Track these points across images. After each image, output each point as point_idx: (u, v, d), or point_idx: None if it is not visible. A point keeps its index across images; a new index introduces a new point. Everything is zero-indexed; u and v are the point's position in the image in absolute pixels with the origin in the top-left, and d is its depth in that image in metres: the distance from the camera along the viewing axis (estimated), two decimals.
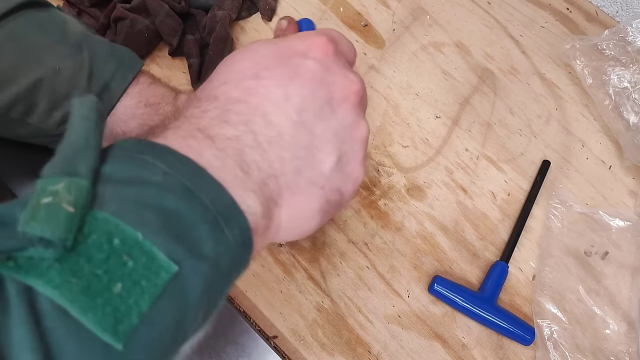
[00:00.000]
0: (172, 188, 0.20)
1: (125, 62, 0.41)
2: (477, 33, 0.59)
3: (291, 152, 0.25)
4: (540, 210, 0.51)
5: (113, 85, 0.39)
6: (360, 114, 0.29)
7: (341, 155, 0.27)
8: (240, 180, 0.23)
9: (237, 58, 0.28)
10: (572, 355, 0.45)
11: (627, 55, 0.54)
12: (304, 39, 0.28)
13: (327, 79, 0.27)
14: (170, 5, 0.52)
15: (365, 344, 0.45)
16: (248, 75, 0.26)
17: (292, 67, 0.26)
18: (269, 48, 0.28)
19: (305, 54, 0.27)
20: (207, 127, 0.24)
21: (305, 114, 0.26)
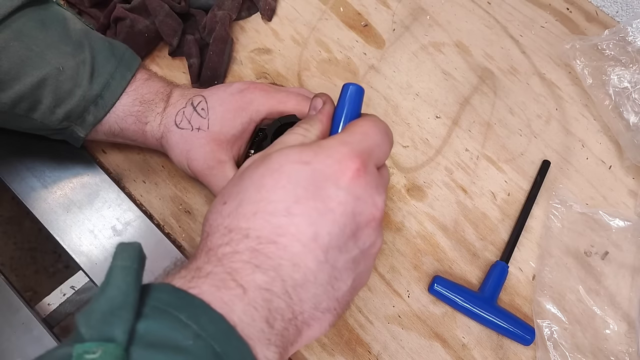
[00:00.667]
0: (201, 355, 0.21)
1: (125, 60, 0.42)
2: (477, 33, 0.59)
3: (312, 291, 0.26)
4: (540, 210, 0.51)
5: (113, 84, 0.40)
6: (379, 232, 0.29)
7: (356, 276, 0.28)
8: (264, 335, 0.24)
9: (268, 183, 0.27)
10: (572, 355, 0.45)
11: (627, 55, 0.54)
12: (338, 161, 0.27)
13: (356, 209, 0.27)
14: (170, 5, 0.52)
15: (365, 344, 0.45)
16: (279, 210, 0.26)
17: (324, 199, 0.26)
18: (301, 170, 0.27)
19: (337, 182, 0.27)
20: (239, 272, 0.25)
21: (331, 252, 0.26)
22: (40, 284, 1.15)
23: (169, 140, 0.42)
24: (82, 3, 0.53)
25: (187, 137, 0.41)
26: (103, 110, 0.41)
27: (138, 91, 0.42)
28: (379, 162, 0.30)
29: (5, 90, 0.37)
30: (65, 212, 0.46)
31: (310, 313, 0.27)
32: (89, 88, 0.40)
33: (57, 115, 0.39)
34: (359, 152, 0.28)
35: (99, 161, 0.48)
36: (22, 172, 0.47)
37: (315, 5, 0.59)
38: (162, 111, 0.42)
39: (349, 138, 0.29)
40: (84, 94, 0.39)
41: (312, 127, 0.32)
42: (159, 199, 0.48)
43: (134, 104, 0.41)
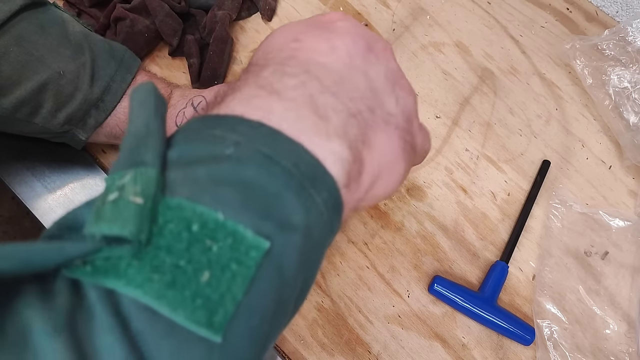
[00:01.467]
0: (248, 158, 0.19)
1: (124, 63, 0.42)
2: (477, 33, 0.59)
3: (358, 92, 0.24)
4: (540, 210, 0.51)
5: (114, 87, 0.41)
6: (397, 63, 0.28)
7: (397, 97, 0.26)
8: (320, 128, 0.21)
9: (271, 35, 0.27)
10: (572, 355, 0.45)
11: (627, 55, 0.54)
12: (324, 14, 0.28)
13: (360, 33, 0.26)
14: (170, 5, 0.52)
15: (365, 344, 0.45)
16: (289, 40, 0.25)
17: (325, 29, 0.26)
18: (299, 24, 0.27)
19: (331, 20, 0.27)
20: (268, 83, 0.22)
21: (356, 58, 0.25)
22: None
23: None
24: (82, 3, 0.53)
25: None
26: (104, 113, 0.41)
27: None
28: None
29: (7, 96, 0.37)
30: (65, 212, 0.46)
31: (369, 115, 0.24)
32: (90, 91, 0.40)
33: (59, 119, 0.39)
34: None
35: (99, 161, 0.48)
36: (23, 172, 0.47)
37: (315, 5, 0.58)
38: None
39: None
40: (85, 98, 0.39)
41: None
42: None
43: None
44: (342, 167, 0.21)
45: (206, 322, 0.15)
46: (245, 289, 0.16)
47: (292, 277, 0.18)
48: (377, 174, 0.24)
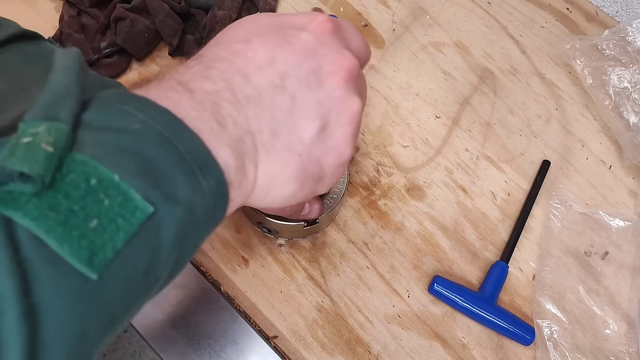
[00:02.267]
0: (149, 136, 0.21)
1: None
2: (477, 33, 0.59)
3: (269, 112, 0.25)
4: (540, 210, 0.51)
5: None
6: (352, 90, 0.28)
7: (325, 125, 0.27)
8: (215, 132, 0.23)
9: (235, 25, 0.28)
10: (572, 355, 0.45)
11: (627, 55, 0.54)
12: (307, 15, 0.28)
13: (319, 50, 0.27)
14: (170, 5, 0.52)
15: (365, 344, 0.45)
16: (239, 40, 0.26)
17: (285, 36, 0.27)
18: (268, 19, 0.28)
19: (302, 27, 0.27)
20: (187, 81, 0.24)
21: (288, 79, 0.26)
22: None
23: None
24: (82, 3, 0.53)
25: None
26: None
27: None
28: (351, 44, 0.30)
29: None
30: None
31: (269, 138, 0.25)
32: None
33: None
34: (332, 19, 0.28)
35: None
36: None
37: (315, 5, 0.59)
38: None
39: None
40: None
41: None
42: None
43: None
44: (226, 172, 0.23)
45: (87, 260, 0.18)
46: (125, 242, 0.19)
47: (168, 244, 0.21)
48: (262, 189, 0.26)
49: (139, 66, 0.53)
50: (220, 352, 0.44)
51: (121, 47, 0.51)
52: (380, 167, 0.52)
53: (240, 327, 0.45)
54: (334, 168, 0.28)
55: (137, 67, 0.53)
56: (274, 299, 0.46)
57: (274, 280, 0.46)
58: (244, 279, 0.46)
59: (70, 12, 0.53)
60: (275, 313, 0.45)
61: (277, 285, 0.46)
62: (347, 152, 0.28)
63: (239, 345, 0.44)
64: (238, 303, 0.46)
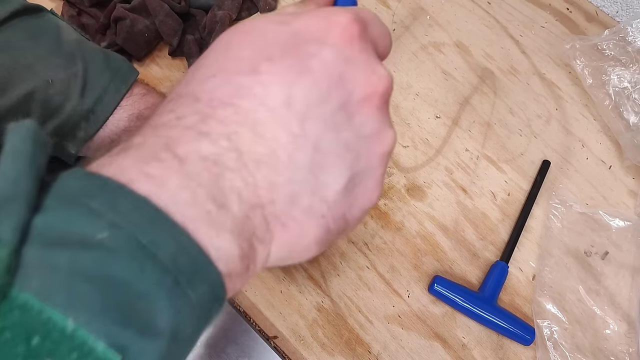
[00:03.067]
0: (120, 248, 0.16)
1: (120, 73, 0.39)
2: (477, 33, 0.59)
3: (285, 175, 0.20)
4: (540, 210, 0.51)
5: (106, 98, 0.38)
6: (386, 120, 0.22)
7: (353, 175, 0.21)
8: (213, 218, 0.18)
9: (235, 40, 0.21)
10: (572, 355, 0.45)
11: (627, 55, 0.54)
12: (325, 18, 0.21)
13: (347, 74, 0.21)
14: (170, 5, 0.52)
15: (365, 344, 0.45)
16: (244, 69, 0.20)
17: (303, 57, 0.20)
18: (278, 31, 0.21)
19: (322, 39, 0.21)
20: (178, 141, 0.18)
21: (311, 124, 0.20)
22: None
23: None
24: (82, 3, 0.53)
25: None
26: (95, 125, 0.38)
27: (135, 106, 0.40)
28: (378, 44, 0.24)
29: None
30: None
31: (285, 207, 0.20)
32: (80, 102, 0.37)
33: (47, 129, 0.37)
34: (354, 14, 0.22)
35: None
36: None
37: None
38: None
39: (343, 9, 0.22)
40: (75, 109, 0.37)
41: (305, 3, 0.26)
42: None
43: (130, 119, 0.39)
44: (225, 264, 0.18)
45: None
46: None
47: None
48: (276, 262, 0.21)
49: (139, 66, 0.53)
50: (220, 352, 0.44)
51: (121, 47, 0.51)
52: None
53: (240, 327, 0.45)
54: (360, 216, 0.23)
55: (137, 67, 0.53)
56: (274, 299, 0.46)
57: (274, 280, 0.46)
58: None
59: (70, 12, 0.53)
60: (275, 313, 0.45)
61: (277, 285, 0.46)
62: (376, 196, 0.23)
63: (239, 345, 0.44)
64: (238, 303, 0.46)
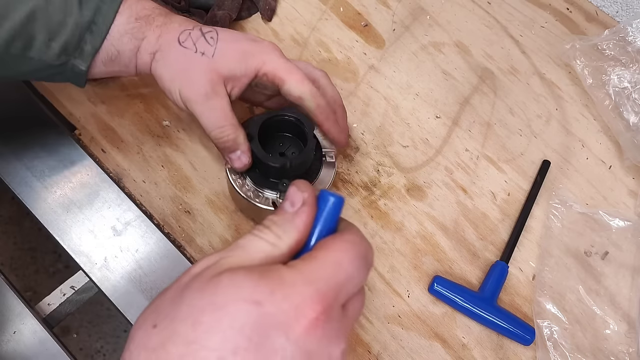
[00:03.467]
0: None
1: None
2: (477, 33, 0.59)
3: None
4: (540, 210, 0.51)
5: (104, 8, 0.39)
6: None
7: None
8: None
9: (207, 321, 0.22)
10: (572, 355, 0.45)
11: (627, 55, 0.54)
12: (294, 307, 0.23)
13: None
14: (171, 5, 0.52)
15: (365, 344, 0.45)
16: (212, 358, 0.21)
17: (267, 353, 0.22)
18: (247, 317, 0.22)
19: (287, 332, 0.22)
20: None
21: None
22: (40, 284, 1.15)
23: (167, 56, 0.40)
24: None
25: (189, 58, 0.39)
26: (99, 36, 0.39)
27: (132, 8, 0.40)
28: (347, 297, 0.26)
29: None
30: (65, 212, 0.46)
31: None
32: (80, 15, 0.38)
33: (54, 49, 0.38)
34: (325, 293, 0.24)
35: (99, 161, 0.48)
36: (22, 172, 0.47)
37: (315, 5, 0.59)
38: (162, 25, 0.40)
39: (317, 272, 0.24)
40: (77, 22, 0.38)
41: (285, 234, 0.26)
42: (159, 199, 0.48)
43: (129, 21, 0.40)
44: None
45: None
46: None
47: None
48: None
49: None
50: None
51: None
52: (380, 167, 0.52)
53: None
54: None
55: None
56: None
57: None
58: None
59: None
60: None
61: None
62: None
63: None
64: None
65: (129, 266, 0.45)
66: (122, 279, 0.44)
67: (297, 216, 0.27)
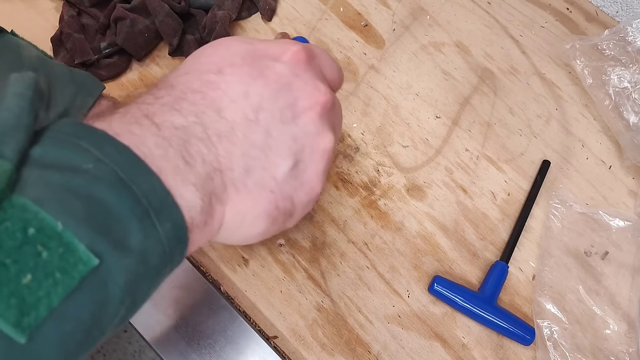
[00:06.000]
0: (103, 177, 0.19)
1: (85, 87, 0.39)
2: (477, 33, 0.59)
3: (242, 149, 0.24)
4: (540, 210, 0.51)
5: (73, 112, 0.38)
6: (326, 126, 0.28)
7: (298, 161, 0.26)
8: (181, 171, 0.22)
9: (207, 51, 0.27)
10: (572, 355, 0.45)
11: (627, 55, 0.54)
12: (280, 45, 0.28)
13: (294, 84, 0.26)
14: (170, 5, 0.52)
15: (365, 344, 0.45)
16: (212, 69, 0.25)
17: (259, 67, 0.26)
18: (242, 47, 0.27)
19: (276, 58, 0.27)
20: (155, 113, 0.23)
21: (263, 113, 0.25)
22: None
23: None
24: (82, 3, 0.53)
25: None
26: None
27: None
28: (327, 72, 0.30)
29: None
30: None
31: (241, 175, 0.24)
32: (45, 118, 0.37)
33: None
34: (306, 48, 0.28)
35: None
36: None
37: (315, 5, 0.59)
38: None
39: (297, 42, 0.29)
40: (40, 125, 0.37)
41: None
42: None
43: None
44: (188, 211, 0.22)
45: (14, 321, 0.16)
46: (63, 297, 0.17)
47: (117, 297, 0.19)
48: (230, 227, 0.25)
49: (139, 66, 0.53)
50: (220, 352, 0.44)
51: (121, 47, 0.51)
52: (380, 167, 0.52)
53: (240, 327, 0.45)
54: (305, 203, 0.28)
55: (137, 67, 0.53)
56: (274, 299, 0.46)
57: (274, 280, 0.46)
58: (244, 279, 0.46)
59: (70, 12, 0.53)
60: (275, 313, 0.45)
61: (277, 285, 0.46)
62: (319, 187, 0.28)
63: (239, 345, 0.44)
64: (238, 303, 0.46)
65: None
66: None
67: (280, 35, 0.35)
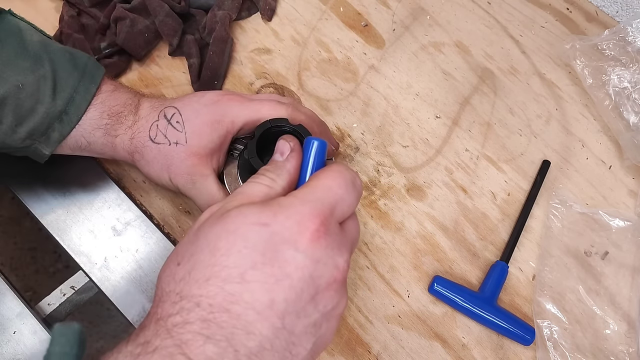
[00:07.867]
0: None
1: (88, 72, 0.40)
2: (477, 33, 0.59)
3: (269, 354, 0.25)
4: (540, 210, 0.51)
5: (78, 98, 0.39)
6: (342, 294, 0.29)
7: (317, 339, 0.28)
8: None
9: (223, 246, 0.26)
10: (572, 355, 0.45)
11: (627, 55, 0.54)
12: (297, 222, 0.27)
13: (315, 272, 0.27)
14: (170, 5, 0.52)
15: (365, 344, 0.45)
16: (233, 276, 0.25)
17: (281, 264, 0.26)
18: (259, 233, 0.26)
19: (295, 244, 0.26)
20: (189, 344, 0.24)
21: (288, 317, 0.26)
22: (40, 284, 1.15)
23: (146, 156, 0.41)
24: (82, 3, 0.53)
25: (166, 152, 0.40)
26: (69, 126, 0.39)
27: (105, 104, 0.40)
28: (342, 216, 0.30)
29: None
30: (65, 212, 0.46)
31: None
32: (52, 104, 0.38)
33: (20, 134, 0.38)
34: (320, 211, 0.28)
35: (99, 161, 0.48)
36: (22, 172, 0.47)
37: (315, 5, 0.59)
38: (133, 124, 0.41)
39: (311, 195, 0.28)
40: (47, 111, 0.38)
41: (279, 177, 0.31)
42: (159, 199, 0.48)
43: (102, 117, 0.40)
44: None
45: None
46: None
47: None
48: None
49: (139, 66, 0.53)
50: None
51: (121, 47, 0.51)
52: (380, 167, 0.52)
53: None
54: (317, 353, 0.29)
55: (137, 67, 0.53)
56: None
57: None
58: None
59: (70, 12, 0.53)
60: None
61: None
62: (331, 339, 0.29)
63: None
64: None
65: (129, 266, 0.45)
66: (122, 279, 0.44)
67: (287, 161, 0.32)
